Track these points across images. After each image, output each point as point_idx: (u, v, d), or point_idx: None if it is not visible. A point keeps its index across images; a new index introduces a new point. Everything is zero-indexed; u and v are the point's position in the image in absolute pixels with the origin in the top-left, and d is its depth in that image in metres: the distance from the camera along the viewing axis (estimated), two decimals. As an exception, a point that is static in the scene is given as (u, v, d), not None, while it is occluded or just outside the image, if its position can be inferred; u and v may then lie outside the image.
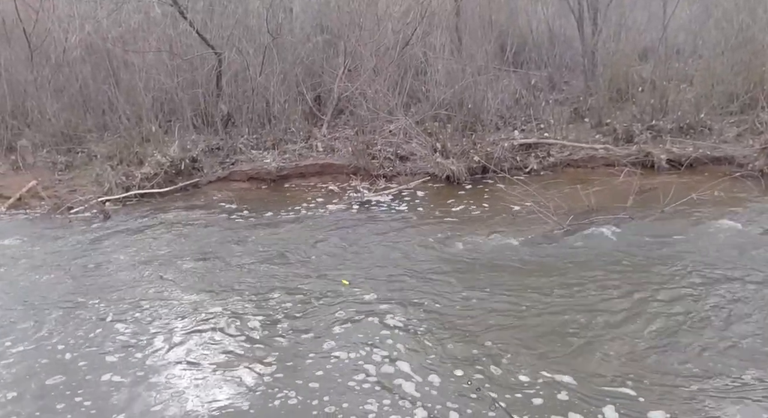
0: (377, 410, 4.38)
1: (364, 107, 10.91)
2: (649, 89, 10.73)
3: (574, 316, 5.50)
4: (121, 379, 5.01)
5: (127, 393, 4.82)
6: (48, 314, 6.22)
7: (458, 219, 8.24)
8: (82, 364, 5.27)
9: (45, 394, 4.88)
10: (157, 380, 4.97)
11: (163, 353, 5.36)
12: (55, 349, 5.55)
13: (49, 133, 12.05)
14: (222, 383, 4.90)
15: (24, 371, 5.22)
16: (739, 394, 4.35)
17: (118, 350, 5.45)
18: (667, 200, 7.78)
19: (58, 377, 5.08)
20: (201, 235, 8.28)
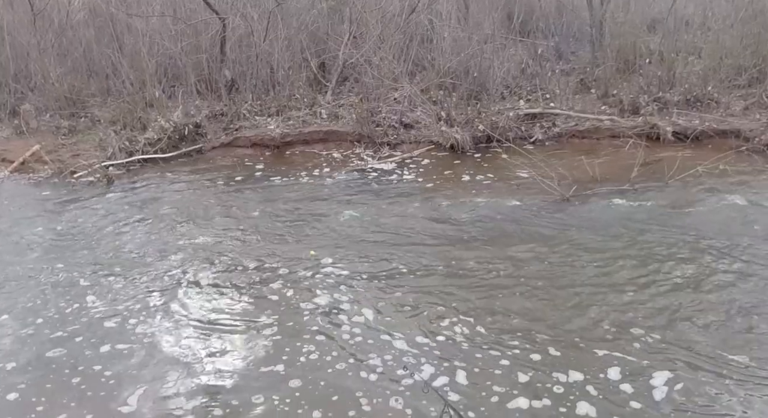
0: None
1: (369, 74, 10.83)
2: (657, 61, 10.63)
3: (570, 282, 5.56)
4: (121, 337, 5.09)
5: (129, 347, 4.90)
6: (48, 275, 6.28)
7: (461, 187, 8.22)
8: (81, 326, 5.33)
9: (47, 349, 4.96)
10: (155, 339, 5.05)
11: (160, 312, 5.47)
12: (54, 308, 5.62)
13: (53, 97, 12.01)
14: (216, 338, 5.03)
15: (25, 324, 5.33)
16: (740, 353, 4.43)
17: (117, 312, 5.52)
18: (671, 173, 7.76)
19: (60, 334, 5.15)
20: (202, 200, 8.30)
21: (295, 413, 4.12)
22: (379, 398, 4.21)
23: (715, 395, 4.08)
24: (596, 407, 4.02)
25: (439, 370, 4.46)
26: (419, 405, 4.04)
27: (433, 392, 3.49)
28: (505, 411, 4.03)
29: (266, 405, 4.22)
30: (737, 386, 4.13)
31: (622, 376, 4.29)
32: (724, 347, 4.53)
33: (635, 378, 4.26)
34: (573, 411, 4.00)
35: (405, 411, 4.08)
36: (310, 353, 4.76)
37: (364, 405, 4.15)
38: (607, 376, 4.29)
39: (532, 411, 4.03)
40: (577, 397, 4.11)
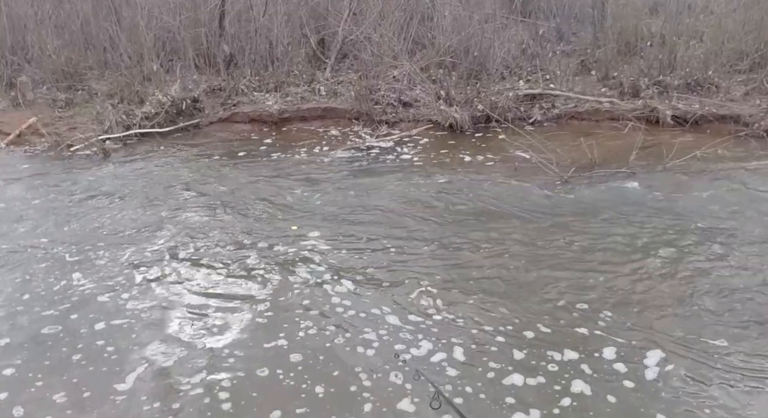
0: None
1: (368, 52, 10.75)
2: (658, 44, 10.57)
3: (563, 263, 5.57)
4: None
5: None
6: (37, 250, 6.28)
7: (459, 167, 8.20)
8: (75, 299, 5.34)
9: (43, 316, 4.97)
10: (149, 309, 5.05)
11: (153, 288, 5.47)
12: (43, 283, 5.63)
13: (50, 69, 11.94)
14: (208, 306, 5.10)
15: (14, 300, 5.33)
16: (732, 335, 4.47)
17: (114, 285, 5.54)
18: (670, 156, 7.73)
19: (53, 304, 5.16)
20: (197, 176, 8.28)
21: (300, 388, 4.13)
22: (379, 374, 4.24)
23: (702, 375, 4.12)
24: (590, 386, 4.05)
25: (437, 346, 4.50)
26: (419, 381, 4.02)
27: (426, 376, 3.49)
28: (500, 387, 4.06)
29: (271, 379, 4.25)
30: (722, 369, 4.16)
31: (616, 356, 4.31)
32: (708, 330, 4.56)
33: (629, 358, 4.29)
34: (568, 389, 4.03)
35: (405, 386, 4.10)
36: (308, 328, 4.77)
37: (364, 380, 4.17)
38: (601, 355, 4.32)
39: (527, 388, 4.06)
40: (571, 375, 4.14)
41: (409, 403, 3.96)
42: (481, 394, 4.01)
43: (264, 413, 3.93)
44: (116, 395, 4.14)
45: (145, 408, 4.01)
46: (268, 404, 3.99)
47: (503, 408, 3.88)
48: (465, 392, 4.02)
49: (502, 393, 4.01)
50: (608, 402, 3.91)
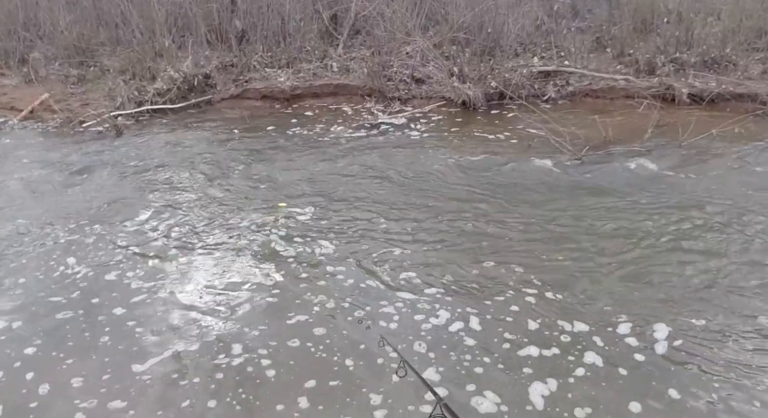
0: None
1: (381, 28, 10.68)
2: (675, 21, 10.41)
3: (576, 240, 5.52)
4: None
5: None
6: (56, 225, 6.33)
7: (472, 144, 8.15)
8: (91, 275, 5.37)
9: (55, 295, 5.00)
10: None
11: (163, 266, 5.49)
12: (64, 255, 5.68)
13: (62, 45, 11.94)
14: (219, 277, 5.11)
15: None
16: (743, 313, 4.45)
17: (125, 259, 5.57)
18: (685, 135, 7.64)
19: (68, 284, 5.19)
20: (209, 153, 8.27)
21: (332, 360, 4.17)
22: (403, 344, 4.26)
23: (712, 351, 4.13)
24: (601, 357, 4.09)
25: (453, 315, 4.55)
26: (382, 348, 4.09)
27: (390, 343, 3.52)
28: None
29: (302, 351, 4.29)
30: (732, 347, 4.16)
31: (627, 330, 4.33)
32: (719, 308, 4.54)
33: (639, 330, 4.32)
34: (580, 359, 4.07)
35: (428, 355, 4.14)
36: (323, 302, 4.80)
37: (391, 352, 4.14)
38: (615, 330, 4.32)
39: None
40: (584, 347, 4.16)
41: (434, 372, 4.02)
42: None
43: (302, 379, 4.00)
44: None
45: (194, 380, 4.06)
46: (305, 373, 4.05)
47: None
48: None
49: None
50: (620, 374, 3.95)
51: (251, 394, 3.90)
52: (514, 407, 3.71)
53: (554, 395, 3.79)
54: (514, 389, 3.85)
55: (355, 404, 3.79)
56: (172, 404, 3.85)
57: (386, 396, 3.82)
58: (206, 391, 3.96)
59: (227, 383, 4.01)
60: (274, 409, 3.78)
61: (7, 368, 4.22)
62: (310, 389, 3.91)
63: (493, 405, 3.71)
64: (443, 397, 2.19)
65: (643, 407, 3.67)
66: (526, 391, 3.83)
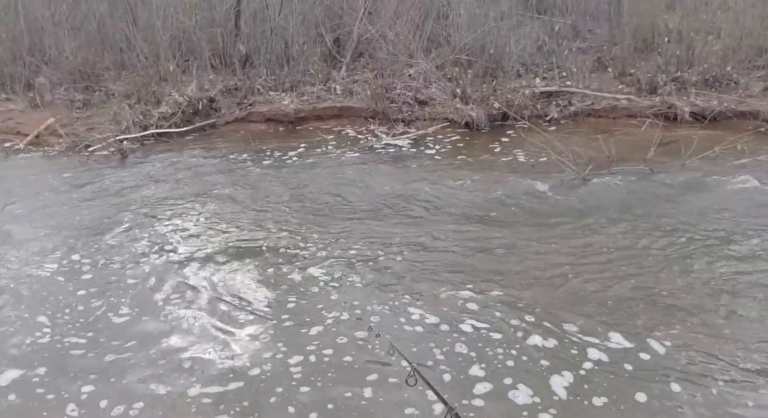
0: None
1: (384, 50, 10.74)
2: (676, 40, 10.48)
3: (576, 259, 5.56)
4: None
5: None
6: (65, 245, 6.37)
7: (475, 165, 8.19)
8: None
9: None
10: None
11: (175, 287, 5.49)
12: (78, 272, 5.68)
13: (67, 70, 12.03)
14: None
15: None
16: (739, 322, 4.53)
17: (131, 283, 5.60)
18: (688, 153, 7.67)
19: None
20: (214, 176, 8.31)
21: (342, 370, 4.24)
22: (414, 350, 4.35)
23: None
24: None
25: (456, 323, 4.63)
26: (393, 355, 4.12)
27: (401, 352, 3.54)
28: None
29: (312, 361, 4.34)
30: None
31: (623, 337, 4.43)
32: (719, 320, 4.62)
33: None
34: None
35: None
36: (335, 313, 4.89)
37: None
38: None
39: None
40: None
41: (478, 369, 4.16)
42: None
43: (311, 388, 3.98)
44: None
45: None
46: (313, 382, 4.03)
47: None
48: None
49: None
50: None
51: (257, 406, 3.92)
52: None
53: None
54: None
55: (366, 414, 3.80)
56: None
57: (397, 405, 3.84)
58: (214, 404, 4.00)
59: (233, 396, 4.03)
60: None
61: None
62: (320, 399, 3.94)
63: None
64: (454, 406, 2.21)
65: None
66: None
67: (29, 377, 4.34)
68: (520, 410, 3.84)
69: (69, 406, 4.03)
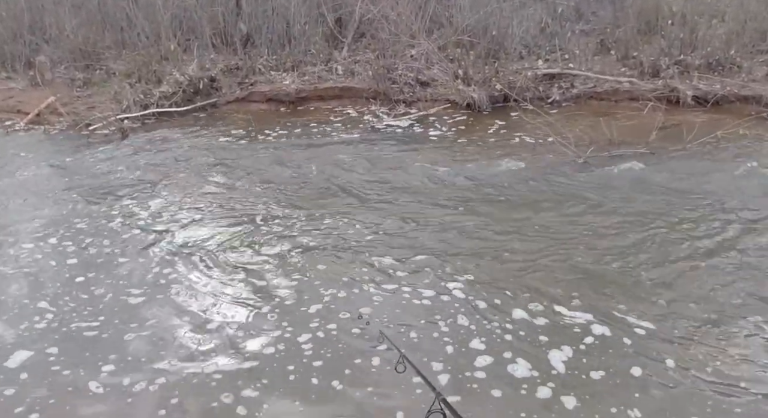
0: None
1: (386, 31, 10.70)
2: (679, 23, 10.41)
3: (579, 240, 5.54)
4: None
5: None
6: (67, 225, 6.37)
7: (476, 146, 8.18)
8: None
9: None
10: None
11: (179, 264, 5.50)
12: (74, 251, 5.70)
13: (68, 49, 12.00)
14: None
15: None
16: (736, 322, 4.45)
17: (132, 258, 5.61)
18: (690, 137, 7.65)
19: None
20: (214, 155, 8.28)
21: (331, 356, 4.21)
22: (403, 338, 4.31)
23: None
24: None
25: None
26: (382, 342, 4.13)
27: (390, 339, 3.53)
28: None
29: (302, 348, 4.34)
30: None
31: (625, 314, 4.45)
32: (714, 303, 4.61)
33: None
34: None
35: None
36: (326, 299, 4.84)
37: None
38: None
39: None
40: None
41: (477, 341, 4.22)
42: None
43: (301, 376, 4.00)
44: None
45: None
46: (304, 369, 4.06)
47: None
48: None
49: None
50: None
51: (251, 392, 3.94)
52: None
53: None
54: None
55: (355, 400, 3.80)
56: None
57: (385, 391, 3.83)
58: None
59: (227, 380, 4.05)
60: (273, 406, 3.81)
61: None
62: (310, 385, 3.93)
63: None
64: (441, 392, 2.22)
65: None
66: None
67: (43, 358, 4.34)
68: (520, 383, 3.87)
69: (92, 383, 4.05)
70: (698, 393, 3.72)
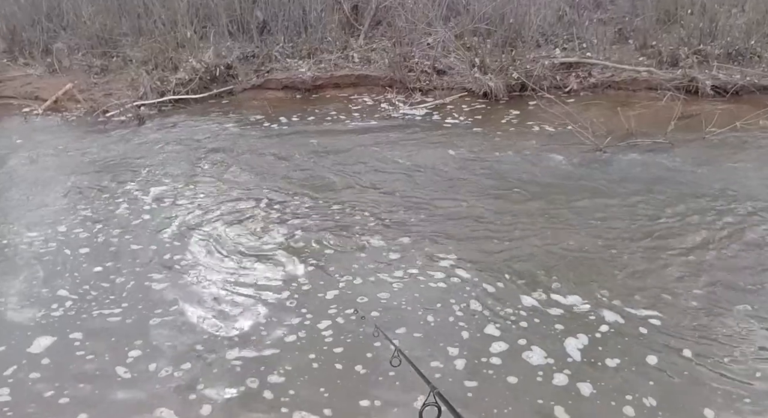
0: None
1: (402, 18, 10.64)
2: (699, 12, 10.31)
3: (597, 230, 5.56)
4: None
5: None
6: (80, 210, 6.45)
7: (492, 135, 8.15)
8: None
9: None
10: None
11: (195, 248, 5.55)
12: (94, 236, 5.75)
13: (85, 36, 12.01)
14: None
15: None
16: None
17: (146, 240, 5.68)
18: (709, 127, 7.61)
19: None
20: (230, 141, 8.32)
21: (326, 351, 4.21)
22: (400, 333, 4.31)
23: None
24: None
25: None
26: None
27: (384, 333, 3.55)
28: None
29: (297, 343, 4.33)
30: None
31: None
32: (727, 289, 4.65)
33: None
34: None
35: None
36: (321, 293, 4.86)
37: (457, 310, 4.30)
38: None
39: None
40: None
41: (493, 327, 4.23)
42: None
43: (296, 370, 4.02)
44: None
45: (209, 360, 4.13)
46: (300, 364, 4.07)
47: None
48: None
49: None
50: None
51: (276, 378, 3.97)
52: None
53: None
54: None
55: (350, 394, 3.82)
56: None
57: (381, 385, 3.86)
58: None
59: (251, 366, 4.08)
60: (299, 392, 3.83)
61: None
62: (305, 379, 3.95)
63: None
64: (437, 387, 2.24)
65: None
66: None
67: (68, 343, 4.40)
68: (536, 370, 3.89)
69: (119, 368, 4.10)
70: (711, 383, 3.73)
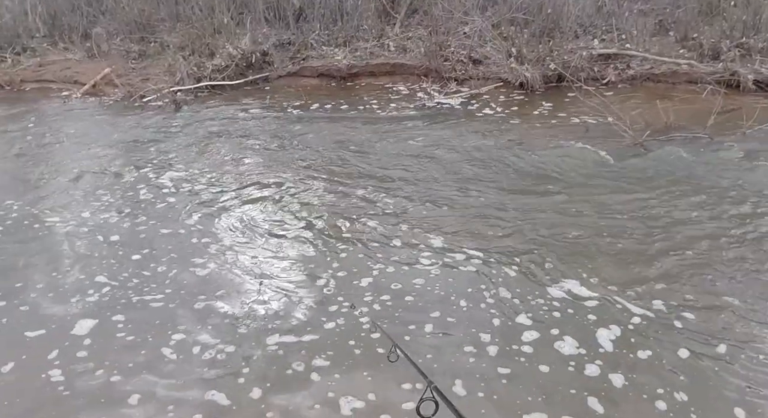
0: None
1: (439, 7, 10.60)
2: (742, 4, 10.09)
3: (635, 225, 5.47)
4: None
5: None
6: (119, 189, 6.55)
7: (528, 126, 8.10)
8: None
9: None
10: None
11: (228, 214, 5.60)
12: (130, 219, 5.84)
13: (123, 21, 12.19)
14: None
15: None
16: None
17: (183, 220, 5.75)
18: (750, 122, 7.44)
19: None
20: (265, 129, 8.41)
21: (323, 345, 4.21)
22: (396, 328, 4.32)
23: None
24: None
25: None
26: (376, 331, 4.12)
27: (383, 329, 3.54)
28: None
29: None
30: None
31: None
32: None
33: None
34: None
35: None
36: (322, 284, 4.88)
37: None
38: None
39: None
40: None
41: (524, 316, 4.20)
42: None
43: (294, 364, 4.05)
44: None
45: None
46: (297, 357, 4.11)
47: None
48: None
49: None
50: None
51: (322, 362, 4.00)
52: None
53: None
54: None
55: (347, 388, 3.80)
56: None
57: (378, 380, 3.84)
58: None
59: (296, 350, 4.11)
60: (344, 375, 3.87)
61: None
62: (302, 374, 3.93)
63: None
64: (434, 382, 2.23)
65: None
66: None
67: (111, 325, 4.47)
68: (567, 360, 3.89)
69: (164, 349, 4.17)
70: (743, 382, 3.68)
